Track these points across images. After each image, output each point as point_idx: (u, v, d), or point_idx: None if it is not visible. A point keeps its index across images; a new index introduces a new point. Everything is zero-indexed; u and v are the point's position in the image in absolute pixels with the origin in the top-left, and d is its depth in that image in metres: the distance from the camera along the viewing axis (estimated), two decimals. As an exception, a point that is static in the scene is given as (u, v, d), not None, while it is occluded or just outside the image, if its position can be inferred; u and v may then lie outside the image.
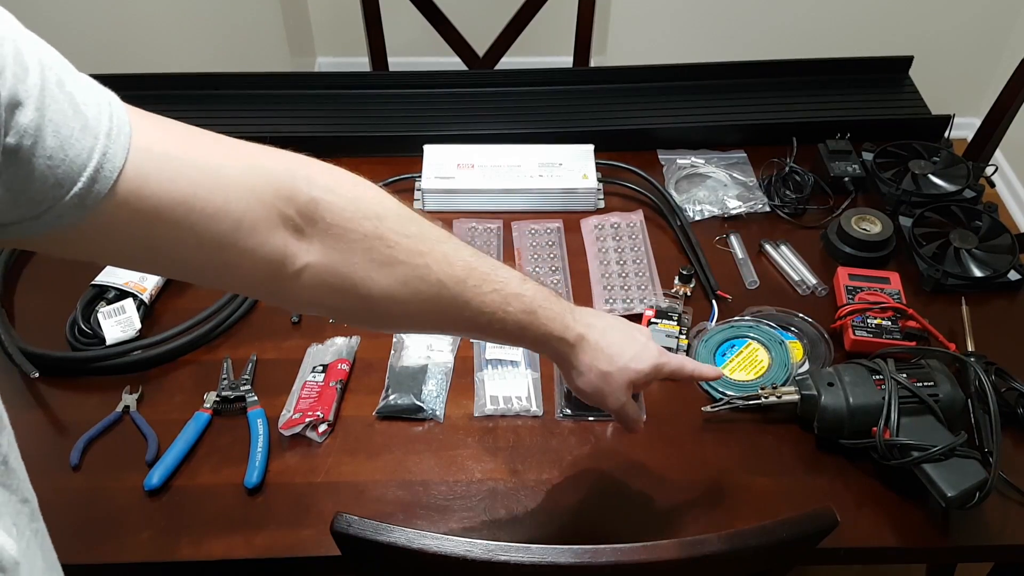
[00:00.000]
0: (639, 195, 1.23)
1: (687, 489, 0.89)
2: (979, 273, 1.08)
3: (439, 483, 0.89)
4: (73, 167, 0.45)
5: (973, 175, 1.19)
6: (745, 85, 1.39)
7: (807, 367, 0.99)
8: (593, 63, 1.87)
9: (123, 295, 1.05)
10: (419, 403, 0.95)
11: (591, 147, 1.26)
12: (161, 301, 1.08)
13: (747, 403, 0.93)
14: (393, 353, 1.02)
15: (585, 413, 0.95)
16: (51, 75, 0.45)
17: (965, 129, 1.73)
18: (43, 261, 1.13)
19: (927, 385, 0.88)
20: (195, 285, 1.09)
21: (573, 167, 1.22)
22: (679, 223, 1.18)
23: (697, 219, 1.20)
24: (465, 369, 1.01)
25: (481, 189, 1.20)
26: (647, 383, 0.80)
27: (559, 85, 1.40)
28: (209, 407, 0.95)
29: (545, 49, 2.11)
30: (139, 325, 1.02)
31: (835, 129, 1.29)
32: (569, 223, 1.19)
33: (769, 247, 1.15)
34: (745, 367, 1.00)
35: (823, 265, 1.13)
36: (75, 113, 0.45)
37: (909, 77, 1.42)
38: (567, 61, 1.74)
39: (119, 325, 1.02)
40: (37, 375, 0.96)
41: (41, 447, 0.92)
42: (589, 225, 1.19)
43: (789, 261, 1.13)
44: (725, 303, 1.08)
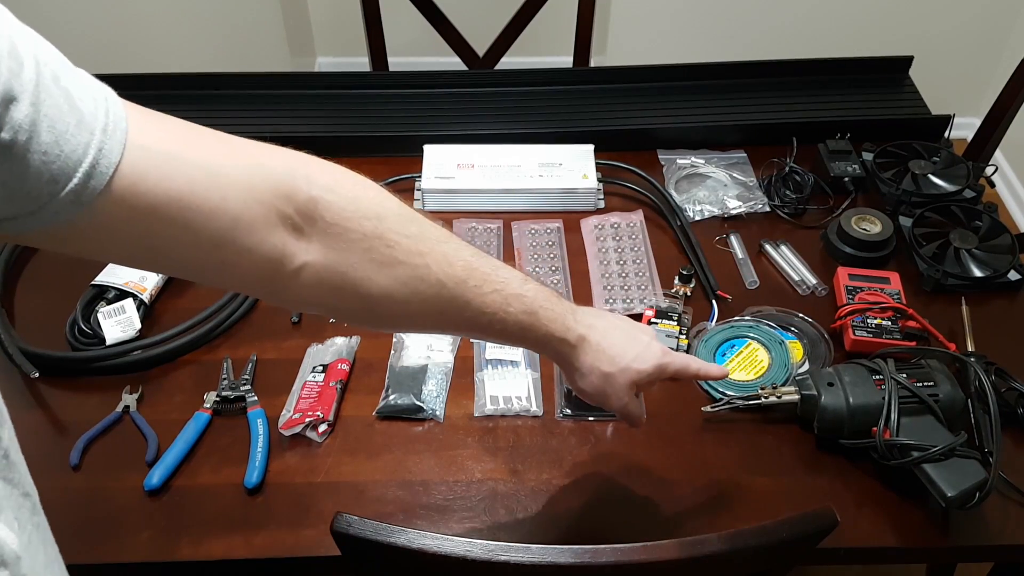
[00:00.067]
0: (639, 195, 1.23)
1: (687, 489, 0.89)
2: (979, 273, 1.08)
3: (439, 483, 0.89)
4: (69, 163, 0.45)
5: (973, 175, 1.19)
6: (745, 85, 1.39)
7: (807, 367, 0.99)
8: (593, 63, 1.87)
9: (123, 295, 1.05)
10: (419, 403, 0.95)
11: (591, 147, 1.26)
12: (161, 301, 1.08)
13: (747, 403, 0.93)
14: (393, 353, 1.02)
15: (585, 413, 0.95)
16: (46, 70, 0.44)
17: (965, 129, 1.73)
18: (43, 261, 1.13)
19: (927, 385, 0.88)
20: (195, 285, 1.09)
21: (573, 167, 1.22)
22: (679, 223, 1.18)
23: (697, 219, 1.20)
24: (465, 369, 1.01)
25: (481, 189, 1.20)
26: (650, 383, 0.79)
27: (559, 85, 1.40)
28: (209, 407, 0.95)
29: (545, 49, 2.11)
30: (139, 325, 1.02)
31: (835, 129, 1.29)
32: (569, 223, 1.19)
33: (769, 247, 1.15)
34: (745, 367, 1.00)
35: (823, 265, 1.13)
36: (71, 108, 0.45)
37: (909, 77, 1.42)
38: (567, 61, 1.74)
39: (119, 325, 1.02)
40: (37, 375, 0.96)
41: (41, 447, 0.92)
42: (589, 225, 1.19)
43: (789, 261, 1.13)
44: (725, 303, 1.08)
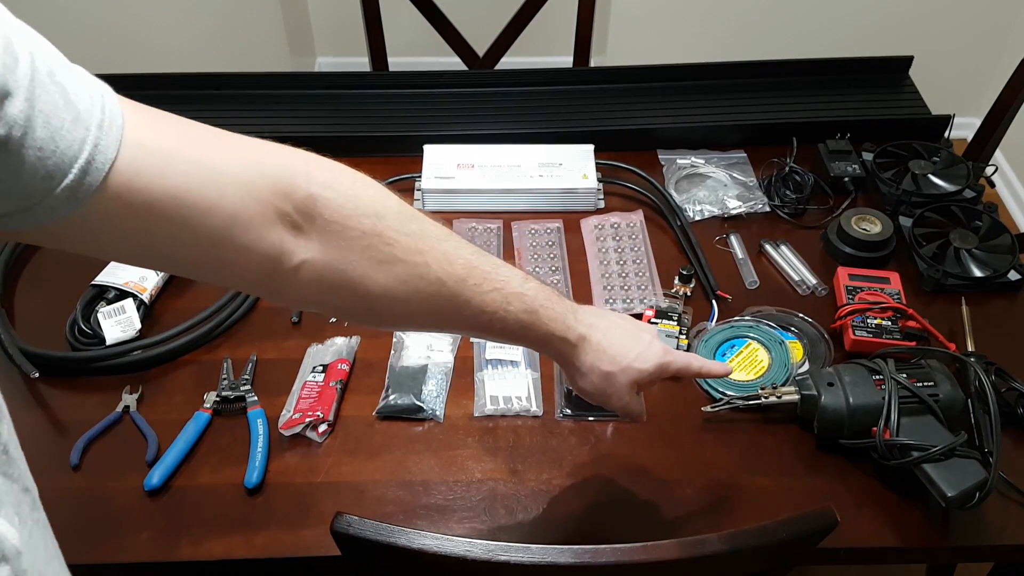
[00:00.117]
0: (639, 195, 1.23)
1: (687, 489, 0.89)
2: (979, 273, 1.08)
3: (439, 483, 0.89)
4: (64, 159, 0.45)
5: (973, 175, 1.19)
6: (745, 85, 1.39)
7: (807, 367, 0.99)
8: (593, 63, 1.87)
9: (123, 295, 1.05)
10: (419, 403, 0.95)
11: (591, 147, 1.25)
12: (161, 301, 1.08)
13: (747, 403, 0.93)
14: (393, 353, 1.02)
15: (585, 413, 0.95)
16: (42, 65, 0.44)
17: (965, 129, 1.73)
18: (43, 261, 1.13)
19: (927, 385, 0.88)
20: (195, 285, 1.09)
21: (573, 167, 1.22)
22: (679, 223, 1.18)
23: (697, 219, 1.20)
24: (465, 369, 1.01)
25: (481, 189, 1.20)
26: (652, 382, 0.79)
27: (559, 85, 1.40)
28: (209, 407, 0.95)
29: (545, 49, 2.11)
30: (139, 325, 1.02)
31: (835, 129, 1.29)
32: (569, 223, 1.19)
33: (769, 247, 1.15)
34: (745, 367, 0.99)
35: (823, 265, 1.13)
36: (66, 104, 0.45)
37: (909, 77, 1.42)
38: (567, 61, 1.74)
39: (119, 325, 1.01)
40: (37, 375, 0.96)
41: (41, 447, 0.92)
42: (589, 225, 1.19)
43: (789, 261, 1.13)
44: (725, 303, 1.08)
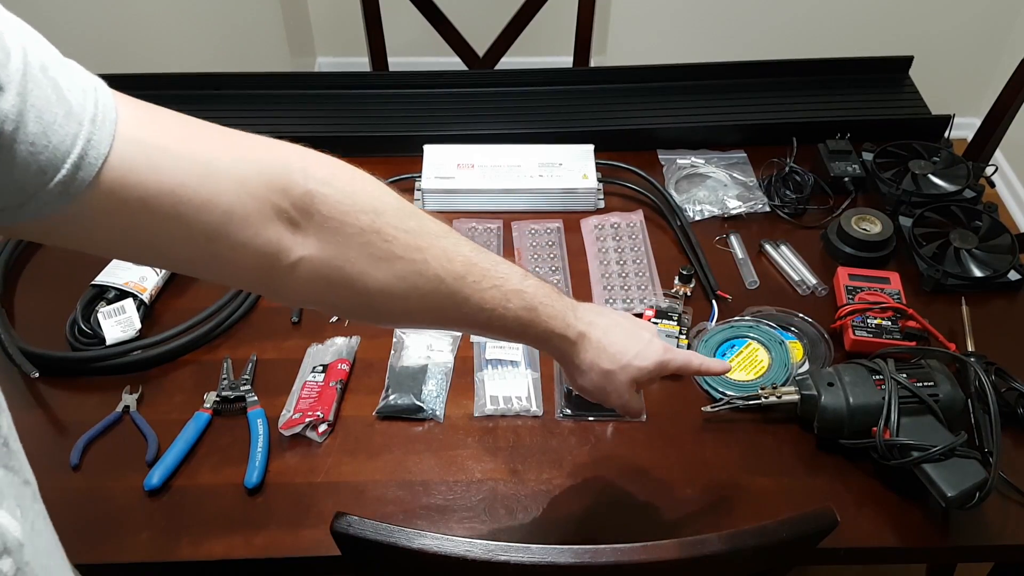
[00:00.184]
0: (639, 195, 1.23)
1: (687, 489, 0.89)
2: (979, 273, 1.08)
3: (439, 483, 0.89)
4: (56, 153, 0.44)
5: (973, 175, 1.19)
6: (745, 85, 1.39)
7: (807, 367, 0.99)
8: (593, 63, 1.87)
9: (123, 295, 1.05)
10: (419, 403, 0.95)
11: (591, 147, 1.25)
12: (161, 301, 1.08)
13: (747, 403, 0.93)
14: (393, 353, 1.02)
15: (585, 413, 0.95)
16: (34, 60, 0.44)
17: (965, 129, 1.73)
18: (43, 261, 1.13)
19: (927, 385, 0.88)
20: (195, 285, 1.09)
21: (573, 167, 1.22)
22: (679, 223, 1.18)
23: (697, 219, 1.20)
24: (465, 369, 1.01)
25: (481, 189, 1.20)
26: (651, 380, 0.79)
27: (559, 85, 1.40)
28: (209, 407, 0.95)
29: (545, 49, 2.11)
30: (139, 325, 1.02)
31: (835, 129, 1.29)
32: (569, 223, 1.19)
33: (769, 247, 1.15)
34: (745, 367, 0.99)
35: (823, 265, 1.13)
36: (59, 99, 0.45)
37: (909, 77, 1.42)
38: (567, 61, 1.74)
39: (119, 325, 1.01)
40: (37, 375, 0.96)
41: (41, 447, 0.92)
42: (589, 225, 1.19)
43: (789, 261, 1.13)
44: (725, 303, 1.08)
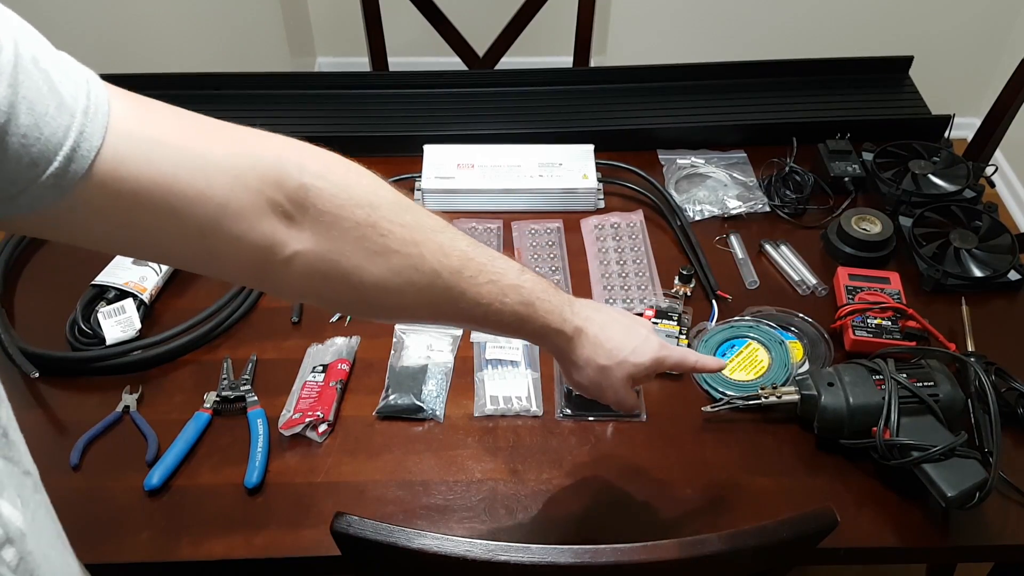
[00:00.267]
0: (639, 195, 1.23)
1: (687, 489, 0.89)
2: (979, 273, 1.08)
3: (439, 483, 0.89)
4: (49, 146, 0.44)
5: (973, 175, 1.19)
6: (745, 85, 1.39)
7: (807, 367, 0.99)
8: (593, 63, 1.87)
9: (123, 295, 1.05)
10: (419, 403, 0.95)
11: (591, 147, 1.25)
12: (161, 301, 1.08)
13: (747, 403, 0.93)
14: (393, 353, 1.02)
15: (585, 413, 0.95)
16: (25, 52, 0.43)
17: (965, 129, 1.73)
18: (43, 261, 1.13)
19: (927, 385, 0.88)
20: (195, 285, 1.09)
21: (573, 167, 1.22)
22: (679, 223, 1.18)
23: (697, 219, 1.20)
24: (465, 369, 1.01)
25: (481, 189, 1.20)
26: (648, 377, 0.80)
27: (559, 85, 1.40)
28: (209, 407, 0.95)
29: (545, 49, 2.11)
30: (139, 325, 1.02)
31: (835, 129, 1.29)
32: (569, 223, 1.19)
33: (769, 247, 1.15)
34: (745, 367, 0.99)
35: (823, 265, 1.13)
36: (50, 91, 0.44)
37: (909, 77, 1.42)
38: (567, 61, 1.74)
39: (119, 325, 1.01)
40: (37, 375, 0.96)
41: (41, 447, 0.91)
42: (589, 225, 1.19)
43: (789, 261, 1.13)
44: (725, 303, 1.08)
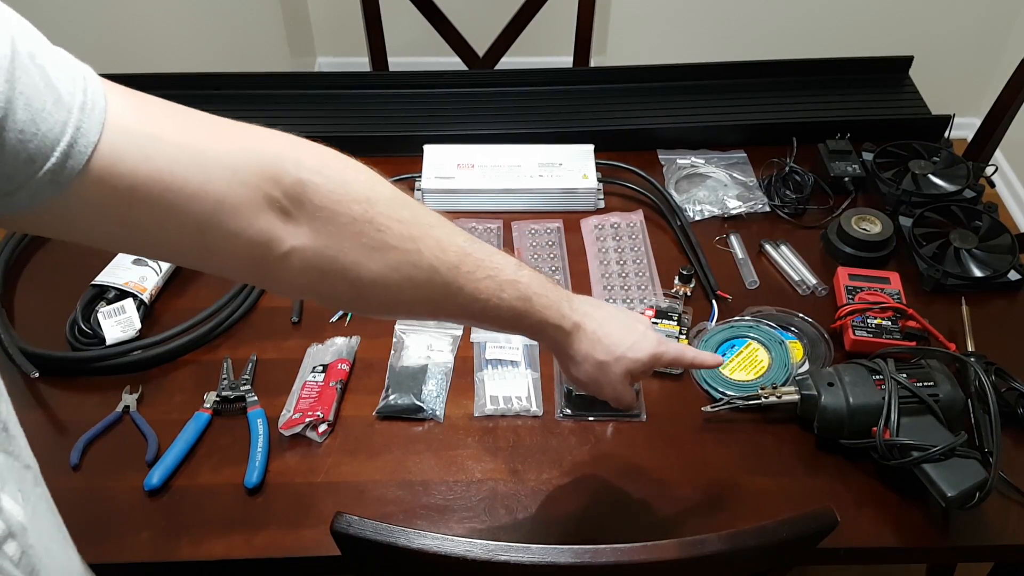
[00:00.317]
0: (639, 195, 1.23)
1: (687, 489, 0.89)
2: (979, 273, 1.08)
3: (439, 483, 0.89)
4: (46, 141, 0.44)
5: (973, 175, 1.19)
6: (745, 85, 1.39)
7: (807, 367, 0.99)
8: (593, 63, 1.87)
9: (123, 295, 1.04)
10: (419, 403, 0.95)
11: (591, 147, 1.25)
12: (161, 301, 1.08)
13: (747, 403, 0.93)
14: (393, 353, 1.02)
15: (585, 413, 0.95)
16: (22, 47, 0.43)
17: (965, 129, 1.73)
18: (43, 261, 1.13)
19: (927, 385, 0.88)
20: (195, 285, 1.09)
21: (573, 167, 1.22)
22: (679, 223, 1.18)
23: (697, 219, 1.20)
24: (465, 369, 1.01)
25: (481, 189, 1.20)
26: (645, 373, 0.80)
27: (559, 85, 1.40)
28: (209, 407, 0.95)
29: (545, 49, 2.10)
30: (139, 325, 1.02)
31: (835, 129, 1.29)
32: (569, 223, 1.19)
33: (769, 247, 1.15)
34: (745, 367, 0.99)
35: (823, 265, 1.13)
36: (47, 86, 0.44)
37: (909, 77, 1.42)
38: (567, 61, 1.74)
39: (119, 325, 1.01)
40: (37, 375, 0.96)
41: (41, 447, 0.90)
42: (589, 225, 1.19)
43: (789, 261, 1.13)
44: (725, 303, 1.08)
